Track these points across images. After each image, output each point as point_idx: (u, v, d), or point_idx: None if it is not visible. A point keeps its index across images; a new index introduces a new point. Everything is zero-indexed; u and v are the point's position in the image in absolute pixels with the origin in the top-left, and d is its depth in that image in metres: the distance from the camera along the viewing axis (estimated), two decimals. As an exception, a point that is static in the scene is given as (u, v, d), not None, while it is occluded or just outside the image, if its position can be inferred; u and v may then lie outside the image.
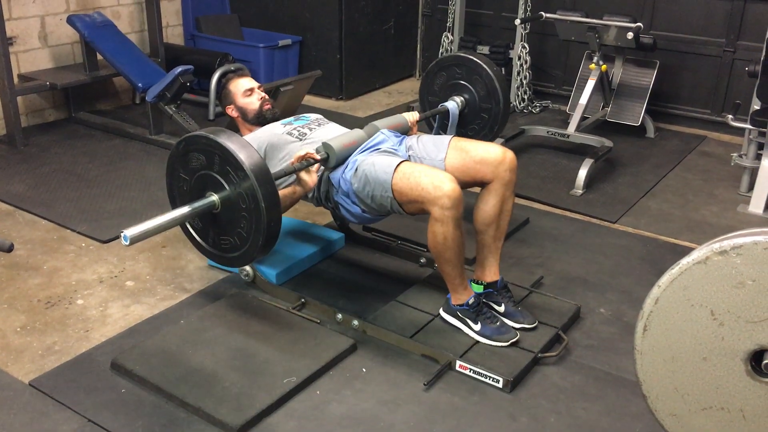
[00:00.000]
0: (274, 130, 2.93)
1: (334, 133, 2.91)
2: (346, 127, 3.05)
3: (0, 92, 4.41)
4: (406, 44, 6.22)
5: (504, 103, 3.36)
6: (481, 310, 2.63)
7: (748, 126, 3.95)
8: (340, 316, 2.75)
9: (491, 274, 2.75)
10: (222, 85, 3.19)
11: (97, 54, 4.78)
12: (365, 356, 2.58)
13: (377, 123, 2.87)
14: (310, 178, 2.65)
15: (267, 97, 3.12)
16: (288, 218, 2.96)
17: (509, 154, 2.74)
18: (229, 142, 2.34)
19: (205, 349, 2.53)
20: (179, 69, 4.38)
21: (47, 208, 3.66)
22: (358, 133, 2.77)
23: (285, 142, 2.86)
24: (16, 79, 4.54)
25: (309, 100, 5.37)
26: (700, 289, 1.65)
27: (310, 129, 2.92)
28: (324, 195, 2.79)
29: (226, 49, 5.28)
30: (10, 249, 2.17)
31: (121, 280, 3.06)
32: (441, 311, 2.72)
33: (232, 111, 3.12)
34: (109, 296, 2.94)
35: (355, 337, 2.65)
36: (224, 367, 2.44)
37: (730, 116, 3.98)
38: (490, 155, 2.71)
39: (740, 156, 4.06)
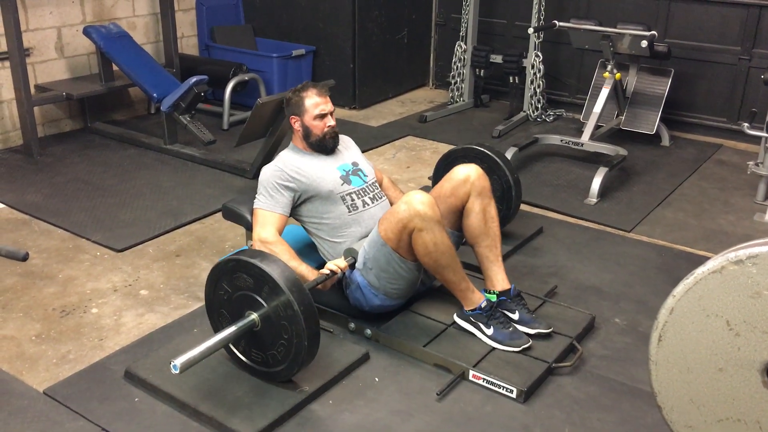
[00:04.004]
0: (334, 185, 2.82)
1: (381, 216, 2.82)
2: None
3: (17, 102, 4.46)
4: (420, 53, 6.23)
5: (514, 210, 3.38)
6: (494, 315, 2.63)
7: (765, 134, 3.92)
8: (352, 325, 2.75)
9: (501, 282, 2.75)
10: (297, 90, 2.94)
11: (113, 64, 4.83)
12: (378, 366, 2.57)
13: None
14: (332, 281, 2.71)
15: (335, 126, 2.92)
16: (300, 228, 2.96)
17: (471, 168, 2.81)
18: (283, 279, 2.25)
19: (219, 358, 2.53)
20: (194, 79, 4.41)
21: (62, 217, 3.69)
22: None
23: (335, 204, 2.80)
24: (32, 90, 4.59)
25: (322, 109, 5.38)
26: (715, 298, 1.63)
27: (364, 203, 2.84)
28: (337, 283, 2.80)
29: (241, 59, 5.31)
30: (25, 258, 2.19)
31: (135, 289, 3.07)
32: (455, 317, 2.72)
33: (295, 123, 2.91)
34: (123, 305, 2.95)
35: (367, 347, 2.64)
36: (237, 376, 2.44)
37: (746, 124, 3.95)
38: (455, 181, 2.81)
39: (756, 164, 4.02)
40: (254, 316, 2.34)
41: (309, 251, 3.22)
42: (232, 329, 2.33)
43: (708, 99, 5.08)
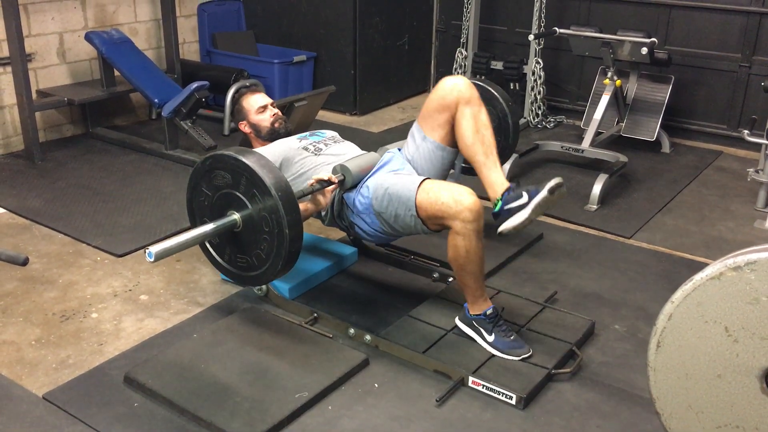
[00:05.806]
0: (290, 144, 2.96)
1: (349, 150, 2.92)
2: (361, 143, 3.07)
3: (18, 108, 4.47)
4: (420, 60, 6.24)
5: (513, 140, 3.30)
6: (497, 322, 2.62)
7: (765, 141, 3.92)
8: (352, 330, 2.74)
9: (500, 185, 2.56)
10: (235, 101, 3.22)
11: (115, 70, 4.84)
12: (377, 371, 2.57)
13: (389, 147, 2.90)
14: (324, 198, 2.70)
15: (280, 114, 3.15)
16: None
17: (458, 78, 2.68)
18: (258, 165, 2.30)
19: (218, 363, 2.54)
20: (195, 85, 4.42)
21: (63, 222, 3.70)
22: (373, 156, 2.81)
23: (300, 156, 2.88)
24: (34, 95, 4.60)
25: (323, 115, 5.40)
26: (714, 305, 1.64)
27: (326, 144, 2.94)
28: (337, 214, 2.80)
29: (242, 65, 5.32)
30: (25, 263, 2.19)
31: (135, 294, 3.07)
32: (457, 320, 2.72)
33: (245, 127, 3.16)
34: (123, 310, 2.96)
35: (367, 352, 2.64)
36: (236, 381, 2.44)
37: (747, 131, 3.95)
38: (441, 92, 2.68)
39: (756, 171, 4.03)
40: (236, 215, 2.39)
41: (312, 256, 3.22)
42: (211, 225, 2.39)
43: (708, 106, 5.08)
